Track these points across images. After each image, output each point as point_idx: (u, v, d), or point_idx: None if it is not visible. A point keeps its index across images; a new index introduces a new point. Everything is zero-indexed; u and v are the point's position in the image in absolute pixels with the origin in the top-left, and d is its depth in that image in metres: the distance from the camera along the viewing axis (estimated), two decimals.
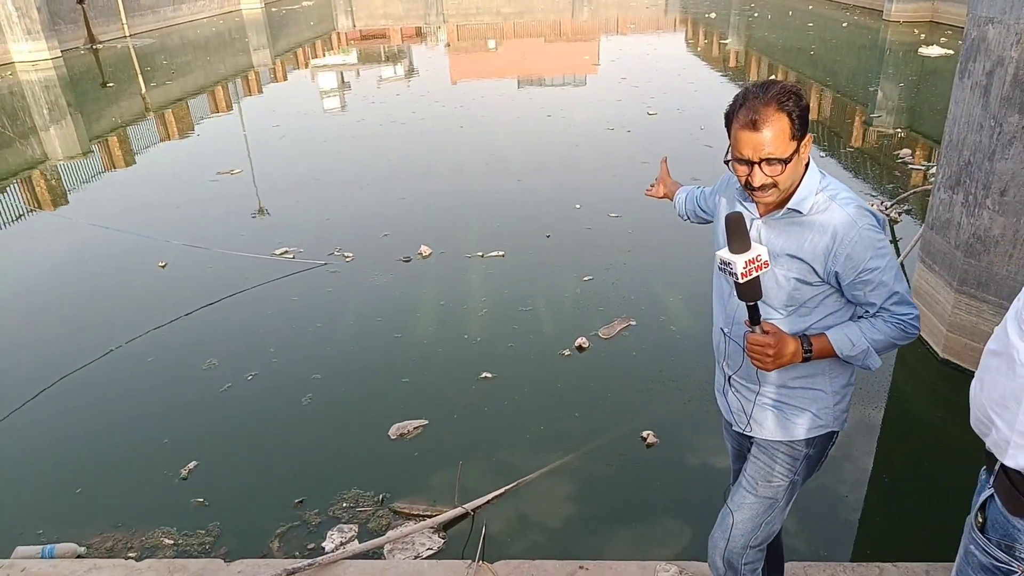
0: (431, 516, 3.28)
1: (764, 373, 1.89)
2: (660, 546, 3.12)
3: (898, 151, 8.77)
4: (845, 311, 1.87)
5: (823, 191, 1.79)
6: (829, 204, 1.77)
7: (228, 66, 19.21)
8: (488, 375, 4.36)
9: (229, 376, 4.47)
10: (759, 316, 1.77)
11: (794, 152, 1.71)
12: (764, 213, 1.86)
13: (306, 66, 19.13)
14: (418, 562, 3.00)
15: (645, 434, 3.76)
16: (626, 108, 11.68)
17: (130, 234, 6.77)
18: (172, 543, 3.19)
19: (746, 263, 1.67)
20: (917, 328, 1.83)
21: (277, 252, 6.25)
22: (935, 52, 14.94)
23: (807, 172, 1.80)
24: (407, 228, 6.79)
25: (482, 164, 8.93)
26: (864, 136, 10.02)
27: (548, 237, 6.46)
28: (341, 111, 13.40)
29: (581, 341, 4.65)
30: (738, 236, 1.68)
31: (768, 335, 1.77)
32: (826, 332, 1.83)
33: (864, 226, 1.75)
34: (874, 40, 18.45)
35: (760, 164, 1.72)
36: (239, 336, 5.03)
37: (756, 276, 1.69)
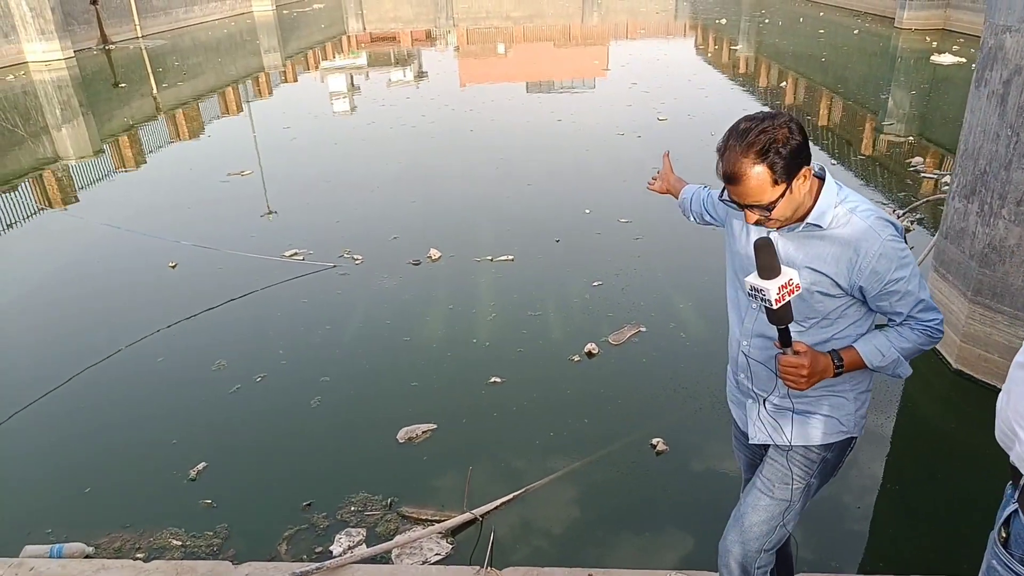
0: (439, 521, 3.26)
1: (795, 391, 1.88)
2: (669, 554, 3.09)
3: (910, 159, 8.73)
4: (866, 320, 1.87)
5: (842, 204, 1.77)
6: (850, 217, 1.75)
7: (239, 68, 19.29)
8: (497, 380, 4.35)
9: (238, 377, 4.47)
10: (790, 338, 1.75)
11: (781, 195, 1.68)
12: (780, 227, 1.83)
13: (316, 68, 19.20)
14: (426, 567, 2.99)
15: (655, 441, 3.73)
16: (636, 113, 11.67)
17: (141, 234, 6.79)
18: (180, 544, 3.19)
19: (779, 288, 1.64)
20: (942, 332, 1.84)
21: (287, 254, 6.26)
22: (947, 60, 14.88)
23: (823, 187, 1.78)
24: (416, 231, 6.79)
25: (491, 168, 8.93)
26: (875, 144, 9.98)
27: (558, 242, 6.45)
28: (350, 113, 13.44)
29: (591, 347, 4.63)
30: (768, 262, 1.65)
31: (800, 355, 1.75)
32: (855, 345, 1.82)
33: (887, 237, 1.73)
34: (885, 47, 18.39)
35: (749, 207, 1.73)
36: (248, 337, 5.03)
37: (788, 300, 1.67)
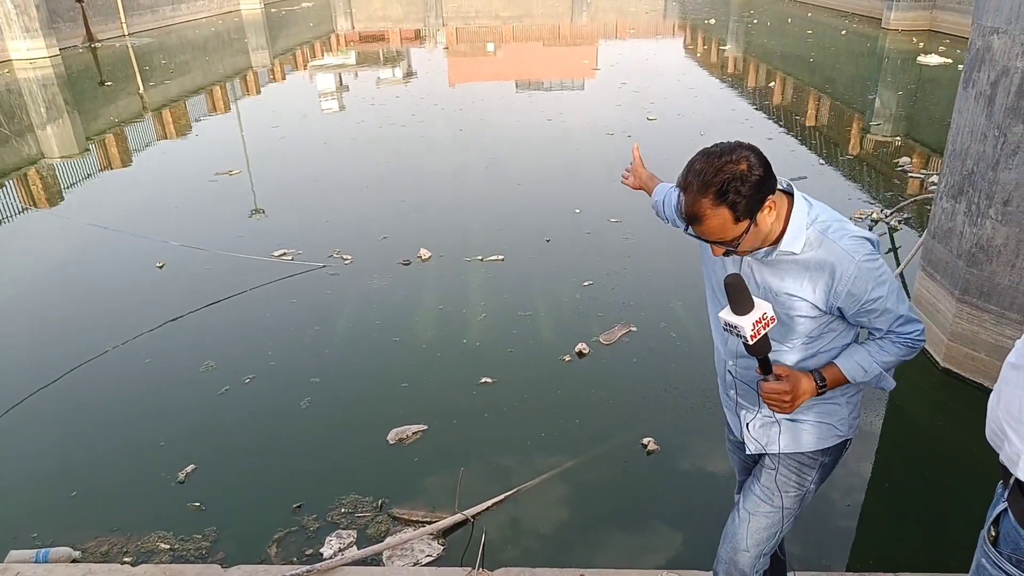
0: (431, 522, 3.25)
1: None
2: (660, 554, 3.10)
3: (897, 159, 8.79)
4: (850, 331, 1.86)
5: (813, 224, 1.72)
6: (822, 239, 1.71)
7: (227, 66, 19.16)
8: (488, 380, 4.34)
9: (227, 379, 4.44)
10: (771, 365, 1.75)
11: (745, 231, 1.64)
12: (750, 253, 1.79)
13: (305, 67, 19.10)
14: (417, 569, 2.98)
15: (646, 441, 3.74)
16: (626, 113, 11.69)
17: (128, 234, 6.73)
18: (168, 548, 3.16)
19: (754, 324, 1.62)
20: (924, 341, 1.83)
21: (276, 254, 6.23)
22: (934, 61, 15.00)
23: (793, 210, 1.73)
24: (406, 231, 6.76)
25: (481, 167, 8.91)
26: (862, 144, 10.04)
27: (548, 241, 6.44)
28: (339, 112, 13.38)
29: (581, 347, 4.63)
30: (741, 298, 1.62)
31: (782, 380, 1.75)
32: (836, 362, 1.82)
33: (862, 259, 1.69)
34: (873, 48, 18.52)
35: (713, 243, 1.70)
36: (237, 338, 4.99)
37: (765, 333, 1.65)
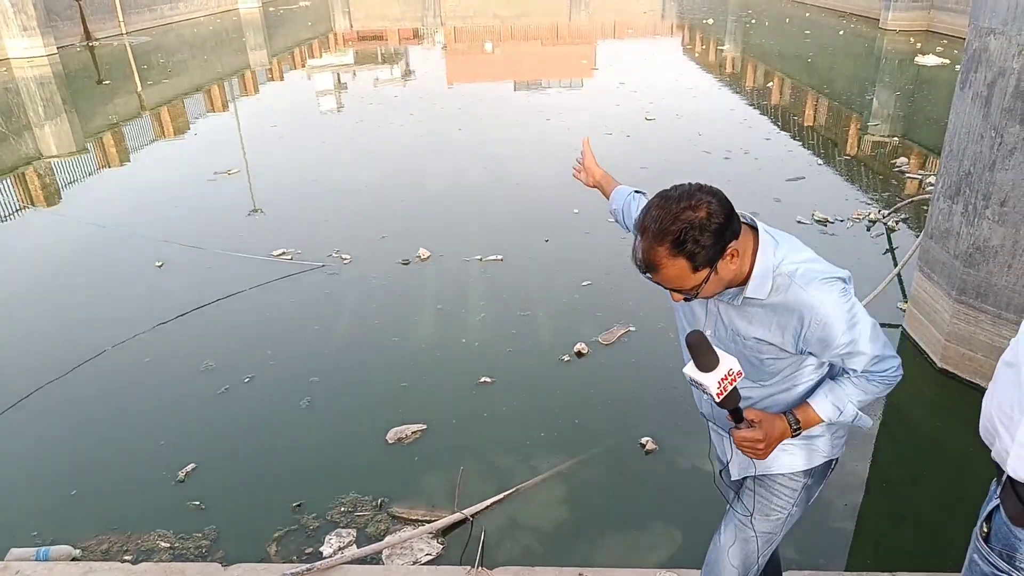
0: (430, 521, 3.26)
1: None
2: (658, 553, 3.11)
3: (894, 159, 8.81)
4: (823, 367, 1.81)
5: (780, 266, 1.63)
6: (790, 283, 1.62)
7: (225, 65, 19.14)
8: (487, 380, 4.36)
9: (226, 378, 4.45)
10: (742, 414, 1.69)
11: (705, 279, 1.56)
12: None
13: (303, 66, 19.09)
14: (417, 568, 2.99)
15: (644, 440, 3.75)
16: (624, 112, 11.70)
17: (127, 234, 6.73)
18: (168, 546, 3.17)
19: (719, 382, 1.55)
20: (900, 375, 1.76)
21: (275, 253, 6.23)
22: (931, 61, 15.03)
23: (758, 253, 1.64)
24: (405, 230, 6.77)
25: (480, 167, 8.92)
26: (860, 144, 10.07)
27: (547, 242, 6.45)
28: (337, 112, 13.38)
29: (580, 347, 4.64)
30: (704, 357, 1.55)
31: (754, 427, 1.70)
32: (810, 402, 1.76)
33: (831, 304, 1.61)
34: (870, 48, 18.55)
35: (671, 290, 1.62)
36: (236, 337, 5.00)
37: (734, 387, 1.59)
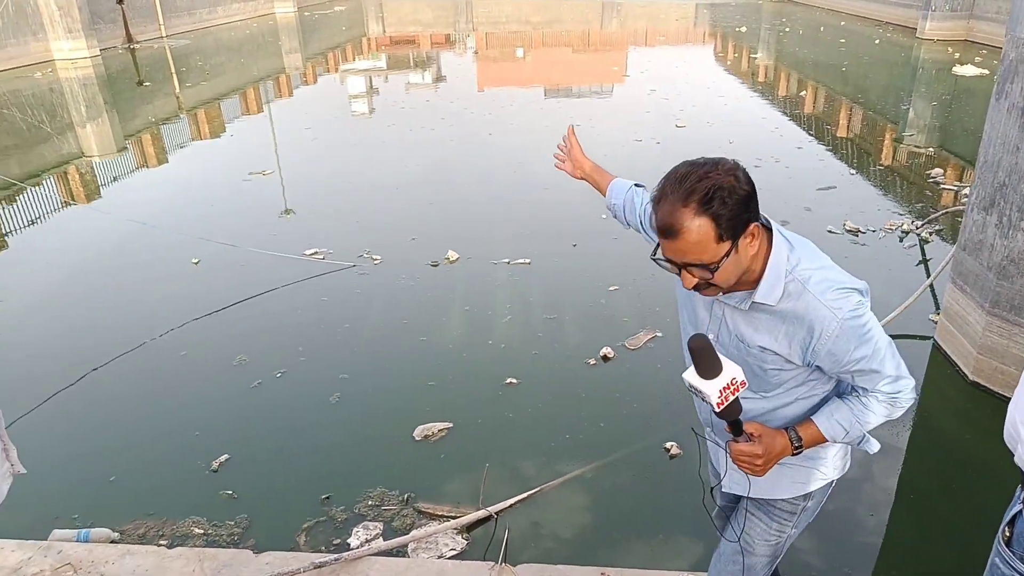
0: (454, 517, 3.32)
1: None
2: (680, 557, 3.13)
3: (929, 170, 8.70)
4: (829, 383, 1.71)
5: (794, 271, 1.55)
6: (802, 291, 1.53)
7: (260, 68, 19.51)
8: (513, 381, 4.41)
9: (259, 372, 4.56)
10: (742, 426, 1.60)
11: (725, 255, 1.46)
12: (728, 292, 1.61)
13: (336, 70, 19.37)
14: (442, 562, 3.04)
15: (669, 445, 3.77)
16: (655, 119, 11.70)
17: (166, 231, 6.91)
18: (202, 532, 3.26)
19: (721, 391, 1.46)
20: (912, 398, 1.66)
21: (307, 252, 6.36)
22: (970, 72, 14.78)
23: (771, 254, 1.55)
24: (435, 233, 6.86)
25: (509, 172, 9.00)
26: (895, 154, 9.95)
27: (575, 246, 6.50)
28: (369, 115, 13.57)
29: (606, 351, 4.67)
30: (707, 363, 1.46)
31: (754, 441, 1.60)
32: (814, 419, 1.66)
33: (845, 316, 1.52)
34: (907, 58, 18.31)
35: (685, 268, 1.50)
36: (269, 334, 5.12)
37: (735, 398, 1.50)
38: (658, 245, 1.56)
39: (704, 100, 13.58)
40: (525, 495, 3.45)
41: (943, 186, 8.10)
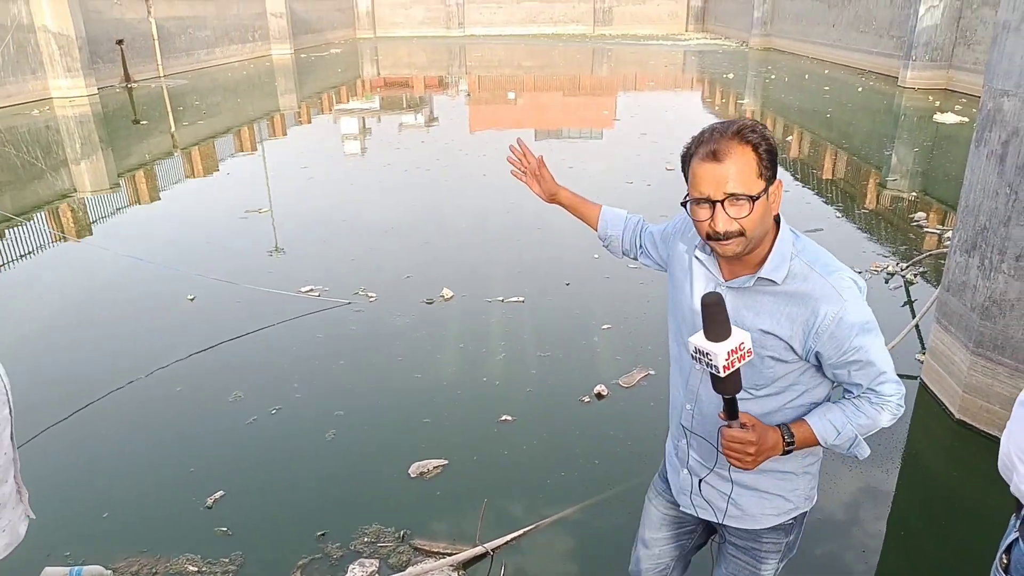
0: (451, 554, 3.32)
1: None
2: None
3: (913, 214, 8.91)
4: (823, 387, 1.71)
5: (799, 255, 1.61)
6: (808, 272, 1.58)
7: (256, 108, 19.78)
8: (508, 418, 4.44)
9: (254, 409, 4.56)
10: (737, 409, 1.55)
11: (762, 192, 1.52)
12: (730, 276, 1.64)
13: (330, 110, 19.67)
14: None
15: None
16: (645, 162, 11.94)
17: (162, 268, 6.95)
18: (196, 570, 3.24)
19: (728, 354, 1.43)
20: (903, 407, 1.68)
21: (303, 289, 6.41)
22: (950, 119, 15.21)
23: (779, 233, 1.61)
24: (429, 271, 6.94)
25: (503, 212, 9.13)
26: (879, 198, 10.18)
27: (567, 285, 6.58)
28: (361, 155, 13.75)
29: (600, 388, 4.72)
30: (718, 322, 1.44)
31: (748, 429, 1.56)
32: (807, 419, 1.65)
33: (849, 299, 1.57)
34: (889, 105, 18.81)
35: (724, 204, 1.51)
36: (265, 370, 5.13)
37: (738, 369, 1.47)
38: (687, 197, 1.59)
39: None
40: (521, 532, 3.46)
41: (926, 229, 8.28)
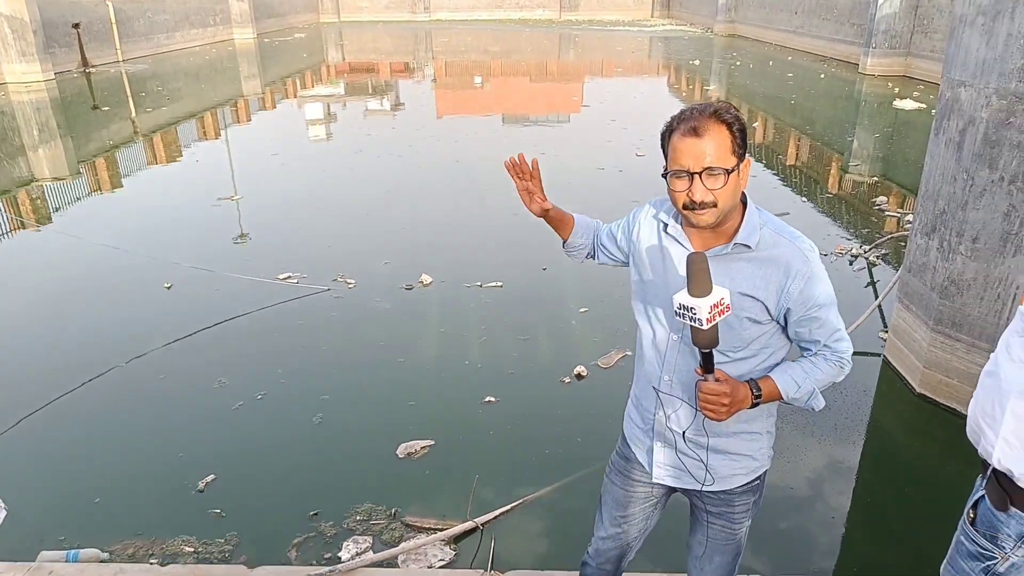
0: (442, 529, 3.43)
1: (712, 424, 1.82)
2: (663, 559, 3.28)
3: (874, 198, 9.21)
4: (783, 350, 1.88)
5: (766, 225, 1.79)
6: (777, 238, 1.77)
7: (219, 94, 19.44)
8: (492, 399, 4.55)
9: (239, 395, 4.60)
10: (713, 364, 1.71)
11: (735, 167, 1.69)
12: (701, 246, 1.80)
13: (295, 96, 19.43)
14: (433, 571, 3.16)
15: None
16: (616, 148, 12.08)
17: (138, 255, 6.88)
18: (192, 551, 3.31)
19: (711, 307, 1.58)
20: (850, 363, 1.85)
21: (281, 277, 6.42)
22: (909, 105, 15.64)
23: (747, 207, 1.80)
24: (407, 257, 6.99)
25: (477, 198, 9.20)
26: (841, 183, 10.49)
27: (544, 270, 6.70)
28: (326, 140, 13.67)
29: (580, 369, 4.86)
30: (701, 278, 1.58)
31: (722, 383, 1.71)
32: (771, 375, 1.80)
33: (815, 260, 1.77)
34: (850, 92, 19.24)
35: (701, 175, 1.67)
36: (247, 356, 5.16)
37: (717, 322, 1.61)
38: (665, 169, 1.76)
39: (661, 129, 14.03)
40: (509, 507, 3.58)
41: (887, 213, 8.58)
